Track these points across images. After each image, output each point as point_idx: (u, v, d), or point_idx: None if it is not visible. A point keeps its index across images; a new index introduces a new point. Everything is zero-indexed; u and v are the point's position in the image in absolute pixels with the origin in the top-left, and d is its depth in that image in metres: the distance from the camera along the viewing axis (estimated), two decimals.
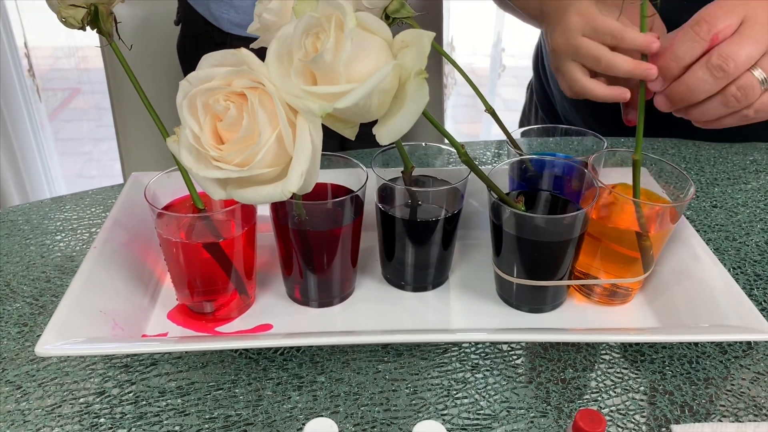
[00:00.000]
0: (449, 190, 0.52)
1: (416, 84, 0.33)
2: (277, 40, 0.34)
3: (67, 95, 2.88)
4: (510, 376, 0.48)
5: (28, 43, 1.77)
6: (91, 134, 2.68)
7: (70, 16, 0.46)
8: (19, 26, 1.78)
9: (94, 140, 2.65)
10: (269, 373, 0.48)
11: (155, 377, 0.47)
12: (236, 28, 0.91)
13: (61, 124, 2.66)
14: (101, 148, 2.61)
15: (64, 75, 2.89)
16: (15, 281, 0.56)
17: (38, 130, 1.82)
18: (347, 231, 0.50)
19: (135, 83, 0.46)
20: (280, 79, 0.34)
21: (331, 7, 0.33)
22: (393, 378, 0.47)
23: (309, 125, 0.34)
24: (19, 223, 0.64)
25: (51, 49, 2.66)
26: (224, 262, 0.49)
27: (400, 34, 0.35)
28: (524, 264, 0.50)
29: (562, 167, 0.53)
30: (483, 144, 0.80)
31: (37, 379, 0.47)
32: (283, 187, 0.34)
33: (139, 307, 0.51)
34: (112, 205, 0.66)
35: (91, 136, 2.67)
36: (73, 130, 2.68)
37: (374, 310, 0.53)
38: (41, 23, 1.88)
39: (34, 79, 1.75)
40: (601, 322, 0.52)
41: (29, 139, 1.78)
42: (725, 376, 0.48)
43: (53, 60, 2.76)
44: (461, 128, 2.52)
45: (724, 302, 0.48)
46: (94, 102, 2.82)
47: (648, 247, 0.49)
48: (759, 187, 0.71)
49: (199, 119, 0.34)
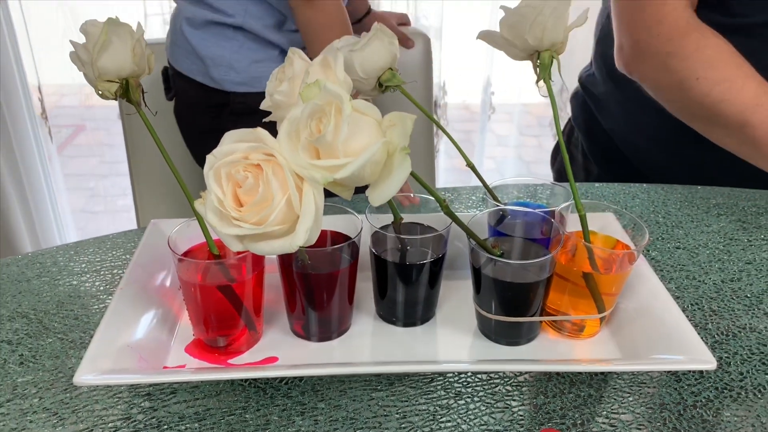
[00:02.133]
0: (434, 236, 0.59)
1: (400, 158, 0.40)
2: (287, 121, 0.41)
3: (72, 132, 2.95)
4: (489, 402, 0.54)
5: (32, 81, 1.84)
6: (95, 170, 2.75)
7: (105, 89, 0.54)
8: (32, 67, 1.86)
9: (98, 176, 2.72)
10: (275, 401, 0.54)
11: (175, 404, 0.53)
12: (238, 87, 1.02)
13: (66, 160, 2.73)
14: (105, 183, 2.68)
15: (68, 112, 2.97)
16: (47, 319, 0.63)
17: (47, 166, 1.89)
18: (345, 273, 0.57)
19: (158, 143, 0.53)
20: (290, 154, 0.41)
21: (331, 96, 0.40)
22: (385, 404, 0.54)
23: (313, 190, 0.41)
24: (47, 265, 0.70)
25: (57, 86, 2.75)
26: (236, 302, 0.56)
27: (387, 115, 0.42)
28: (501, 302, 0.56)
29: (534, 216, 0.60)
30: (469, 189, 0.88)
31: (70, 406, 0.53)
32: (291, 242, 0.41)
33: (160, 342, 0.57)
34: (131, 249, 0.73)
35: (94, 172, 2.74)
36: (78, 165, 2.75)
37: (369, 343, 0.59)
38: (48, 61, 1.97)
39: (47, 121, 1.83)
40: (570, 353, 0.58)
41: (38, 175, 1.84)
42: (678, 401, 0.54)
43: (58, 97, 2.85)
44: (454, 163, 2.61)
45: (676, 336, 0.55)
46: (97, 138, 2.90)
47: (594, 286, 0.56)
48: (719, 229, 0.78)
49: (222, 186, 0.41)
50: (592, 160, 1.07)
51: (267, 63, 1.04)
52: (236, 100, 1.04)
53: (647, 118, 0.95)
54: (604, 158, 1.06)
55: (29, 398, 0.54)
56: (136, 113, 0.54)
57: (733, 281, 0.69)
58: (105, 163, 2.78)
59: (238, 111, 1.05)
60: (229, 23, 1.01)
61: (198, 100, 1.06)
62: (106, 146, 2.87)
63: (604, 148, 1.05)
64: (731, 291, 0.67)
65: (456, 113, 2.43)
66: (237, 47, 1.02)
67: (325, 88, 0.40)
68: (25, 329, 0.61)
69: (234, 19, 1.00)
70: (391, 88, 0.56)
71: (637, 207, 0.83)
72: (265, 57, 1.03)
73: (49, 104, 1.95)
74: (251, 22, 1.01)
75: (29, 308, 0.64)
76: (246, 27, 1.01)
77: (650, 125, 0.96)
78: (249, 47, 1.02)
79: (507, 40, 0.54)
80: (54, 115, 2.20)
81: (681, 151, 0.95)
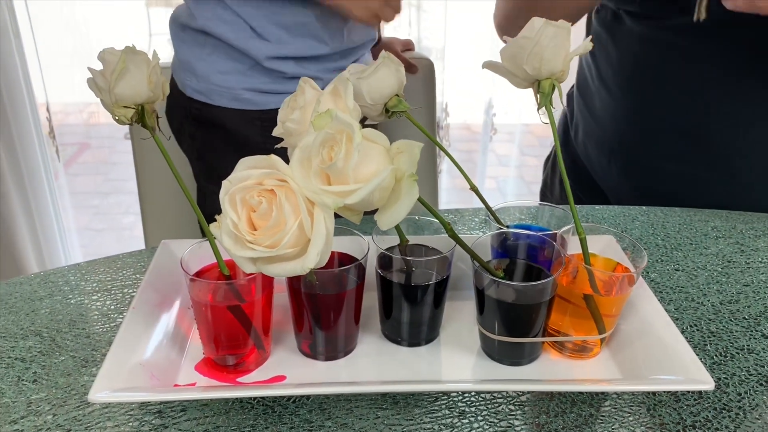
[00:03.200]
0: (439, 258, 0.60)
1: (408, 184, 0.42)
2: (299, 149, 0.43)
3: (76, 150, 2.98)
4: (492, 421, 0.55)
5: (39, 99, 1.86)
6: (99, 188, 2.78)
7: (122, 115, 0.56)
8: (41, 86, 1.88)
9: (102, 194, 2.74)
10: (283, 419, 0.55)
11: (185, 422, 0.55)
12: (197, 94, 0.98)
13: (70, 178, 2.75)
14: (108, 201, 2.70)
15: (73, 130, 3.00)
16: (59, 337, 0.64)
17: (53, 184, 1.91)
18: (351, 294, 0.58)
19: (172, 167, 0.55)
20: (302, 179, 0.43)
21: (342, 125, 0.42)
22: (390, 423, 0.55)
23: (324, 215, 0.43)
24: (59, 285, 0.72)
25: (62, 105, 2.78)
26: (245, 322, 0.57)
27: (395, 143, 0.44)
28: (504, 323, 0.58)
29: (536, 239, 0.61)
30: (472, 211, 0.89)
31: (83, 423, 0.54)
32: (303, 264, 0.43)
33: (171, 360, 0.59)
34: (141, 269, 0.74)
35: (98, 190, 2.76)
36: (82, 184, 2.78)
37: (374, 363, 0.61)
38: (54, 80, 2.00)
39: (54, 140, 1.85)
40: (571, 373, 0.60)
41: (45, 193, 1.86)
42: (678, 421, 0.55)
43: (63, 116, 2.88)
44: (456, 183, 2.63)
45: (675, 356, 0.56)
46: (101, 157, 2.92)
47: (595, 308, 0.57)
48: (717, 252, 0.80)
49: (237, 211, 0.43)
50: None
51: (232, 75, 0.96)
52: (194, 107, 1.00)
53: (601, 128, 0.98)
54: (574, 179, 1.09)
55: (43, 415, 0.55)
56: (150, 137, 0.56)
57: (731, 303, 0.70)
58: (109, 181, 2.81)
59: (197, 118, 1.00)
60: (194, 27, 0.96)
61: (173, 98, 1.04)
62: (111, 164, 2.90)
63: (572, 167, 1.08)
64: (729, 313, 0.69)
65: (457, 133, 2.45)
66: (205, 54, 0.97)
67: (337, 118, 0.42)
68: (38, 347, 0.63)
69: (197, 22, 0.95)
70: (398, 113, 0.58)
71: (637, 230, 0.85)
72: (231, 69, 0.96)
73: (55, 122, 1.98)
74: (219, 27, 0.94)
75: (42, 326, 0.65)
76: (211, 32, 0.94)
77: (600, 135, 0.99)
78: (218, 56, 0.96)
79: (508, 70, 0.56)
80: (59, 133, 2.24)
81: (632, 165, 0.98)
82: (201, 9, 0.94)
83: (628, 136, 0.96)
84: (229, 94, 0.97)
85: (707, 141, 0.89)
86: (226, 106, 0.97)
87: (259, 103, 0.96)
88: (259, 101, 0.96)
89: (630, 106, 0.94)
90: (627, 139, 0.97)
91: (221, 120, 0.98)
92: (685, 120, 0.89)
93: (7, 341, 0.63)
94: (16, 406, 0.56)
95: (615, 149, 0.99)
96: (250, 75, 0.96)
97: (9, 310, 0.68)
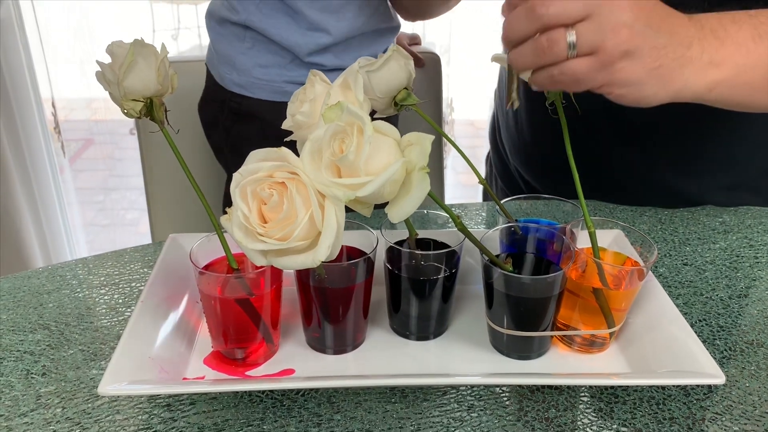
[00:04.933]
0: (448, 252, 0.60)
1: (420, 176, 0.42)
2: (310, 141, 0.43)
3: (81, 146, 2.99)
4: (501, 415, 0.55)
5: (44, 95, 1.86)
6: (103, 184, 2.78)
7: (131, 108, 0.55)
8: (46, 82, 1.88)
9: (106, 190, 2.74)
10: (292, 412, 0.55)
11: (194, 415, 0.55)
12: (237, 88, 1.01)
13: (75, 174, 2.76)
14: (112, 197, 2.70)
15: (77, 126, 3.01)
16: (68, 331, 0.64)
17: (58, 180, 1.91)
18: (360, 288, 0.58)
19: (181, 161, 0.55)
20: (313, 172, 0.43)
21: (353, 117, 0.42)
22: (399, 417, 0.55)
23: (335, 207, 0.42)
24: (67, 278, 0.72)
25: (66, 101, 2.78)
26: (254, 315, 0.57)
27: (406, 135, 0.44)
28: (513, 317, 0.58)
29: (545, 233, 0.61)
30: (479, 206, 0.89)
31: (92, 416, 0.54)
32: (314, 257, 0.42)
33: (180, 354, 0.59)
34: (149, 262, 0.74)
35: (102, 186, 2.77)
36: (86, 179, 2.78)
37: (383, 356, 0.61)
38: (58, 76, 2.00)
39: (59, 135, 1.85)
40: (580, 367, 0.60)
41: (50, 189, 1.87)
42: (687, 415, 0.55)
43: (67, 111, 2.88)
44: (461, 178, 2.62)
45: (685, 351, 0.56)
46: (105, 152, 2.93)
47: (604, 302, 0.57)
48: (726, 246, 0.79)
49: (248, 203, 0.43)
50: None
51: (273, 69, 0.99)
52: (233, 100, 1.02)
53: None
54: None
55: (52, 408, 0.55)
56: (159, 131, 0.56)
57: (740, 297, 0.70)
58: (113, 177, 2.81)
59: (236, 111, 1.03)
60: (235, 20, 0.97)
61: (208, 91, 1.07)
62: (115, 160, 2.90)
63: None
64: (738, 307, 0.69)
65: (462, 129, 2.45)
66: (245, 48, 0.99)
67: (348, 110, 0.42)
68: (47, 341, 0.63)
69: (239, 16, 0.96)
70: (406, 107, 0.58)
71: (645, 224, 0.84)
72: (272, 62, 0.98)
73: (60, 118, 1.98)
74: (260, 21, 0.96)
75: (50, 320, 0.66)
76: (252, 26, 0.96)
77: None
78: (258, 50, 0.98)
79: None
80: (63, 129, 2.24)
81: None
82: (244, 3, 0.96)
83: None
84: (270, 87, 0.99)
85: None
86: (266, 98, 0.99)
87: None
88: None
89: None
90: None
91: (260, 112, 1.01)
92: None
93: (16, 335, 0.63)
94: (25, 399, 0.56)
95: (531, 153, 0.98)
96: (290, 68, 0.98)
97: (17, 304, 0.68)
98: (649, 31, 0.48)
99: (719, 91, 0.49)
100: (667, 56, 0.48)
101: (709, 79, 0.49)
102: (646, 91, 0.49)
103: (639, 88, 0.49)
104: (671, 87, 0.49)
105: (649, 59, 0.48)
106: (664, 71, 0.48)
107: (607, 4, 0.47)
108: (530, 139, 0.96)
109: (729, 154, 0.85)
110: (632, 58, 0.47)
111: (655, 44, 0.48)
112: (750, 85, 0.50)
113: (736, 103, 0.52)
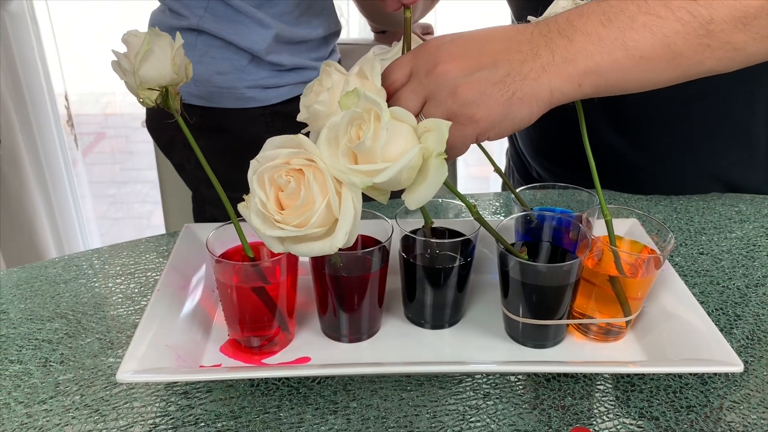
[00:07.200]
0: (463, 240, 0.60)
1: (437, 163, 0.42)
2: (326, 128, 0.43)
3: (93, 140, 3.00)
4: (517, 403, 0.55)
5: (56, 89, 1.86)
6: (115, 177, 2.80)
7: (146, 97, 0.56)
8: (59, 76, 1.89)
9: (118, 183, 2.76)
10: (309, 400, 0.55)
11: (211, 402, 0.55)
12: (196, 100, 0.93)
13: (87, 167, 2.77)
14: (124, 190, 2.72)
15: (89, 120, 3.03)
16: (85, 320, 0.65)
17: (71, 173, 1.92)
18: (375, 276, 0.58)
19: (196, 149, 0.55)
20: (330, 159, 0.43)
21: (370, 103, 0.42)
22: (415, 404, 0.55)
23: (352, 194, 0.42)
24: (83, 268, 0.72)
25: (78, 95, 2.80)
26: (269, 304, 0.57)
27: (423, 122, 0.44)
28: (529, 305, 0.57)
29: (561, 221, 0.61)
30: (493, 195, 0.89)
31: (110, 403, 0.55)
32: (331, 243, 0.42)
33: (196, 342, 0.59)
34: (164, 252, 0.75)
35: (115, 179, 2.78)
36: (99, 172, 2.80)
37: (398, 345, 0.61)
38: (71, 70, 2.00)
39: (73, 128, 1.86)
40: (596, 356, 0.59)
41: (63, 182, 1.88)
42: (705, 404, 0.55)
43: (79, 105, 2.90)
44: (472, 171, 2.62)
45: (702, 339, 0.56)
46: (117, 146, 2.94)
47: (620, 290, 0.57)
48: (742, 236, 0.79)
49: (266, 190, 0.43)
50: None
51: (233, 74, 0.91)
52: (194, 113, 0.88)
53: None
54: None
55: (71, 395, 0.55)
56: (175, 120, 0.56)
57: (757, 286, 0.70)
58: (125, 171, 2.83)
59: (196, 125, 0.95)
60: (185, 26, 0.90)
61: (159, 110, 0.98)
62: (127, 154, 2.92)
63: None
64: (755, 296, 0.68)
65: None
66: (198, 56, 0.91)
67: (364, 96, 0.42)
68: (64, 329, 0.63)
69: (188, 21, 0.89)
70: None
71: (660, 213, 0.84)
72: (229, 68, 0.91)
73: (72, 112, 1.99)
74: (212, 21, 0.89)
75: (68, 309, 0.66)
76: (204, 29, 0.89)
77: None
78: (212, 56, 0.91)
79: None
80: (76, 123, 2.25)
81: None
82: (191, 6, 0.90)
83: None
84: (232, 95, 0.93)
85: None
86: (229, 107, 0.93)
87: (262, 99, 0.93)
88: (262, 97, 0.93)
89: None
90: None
91: (225, 123, 0.95)
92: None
93: (34, 323, 0.64)
94: (44, 387, 0.56)
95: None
96: (249, 71, 0.92)
97: (34, 293, 0.68)
98: (484, 73, 0.47)
99: (591, 82, 0.48)
100: (515, 81, 0.47)
101: (571, 75, 0.48)
102: (518, 117, 0.48)
103: (508, 119, 0.48)
104: (540, 100, 0.47)
105: (498, 95, 0.46)
106: (521, 93, 0.47)
107: (432, 77, 0.47)
108: (538, 130, 0.96)
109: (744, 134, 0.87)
110: (481, 103, 0.46)
111: (497, 79, 0.47)
112: (617, 66, 0.48)
113: (619, 87, 0.51)
